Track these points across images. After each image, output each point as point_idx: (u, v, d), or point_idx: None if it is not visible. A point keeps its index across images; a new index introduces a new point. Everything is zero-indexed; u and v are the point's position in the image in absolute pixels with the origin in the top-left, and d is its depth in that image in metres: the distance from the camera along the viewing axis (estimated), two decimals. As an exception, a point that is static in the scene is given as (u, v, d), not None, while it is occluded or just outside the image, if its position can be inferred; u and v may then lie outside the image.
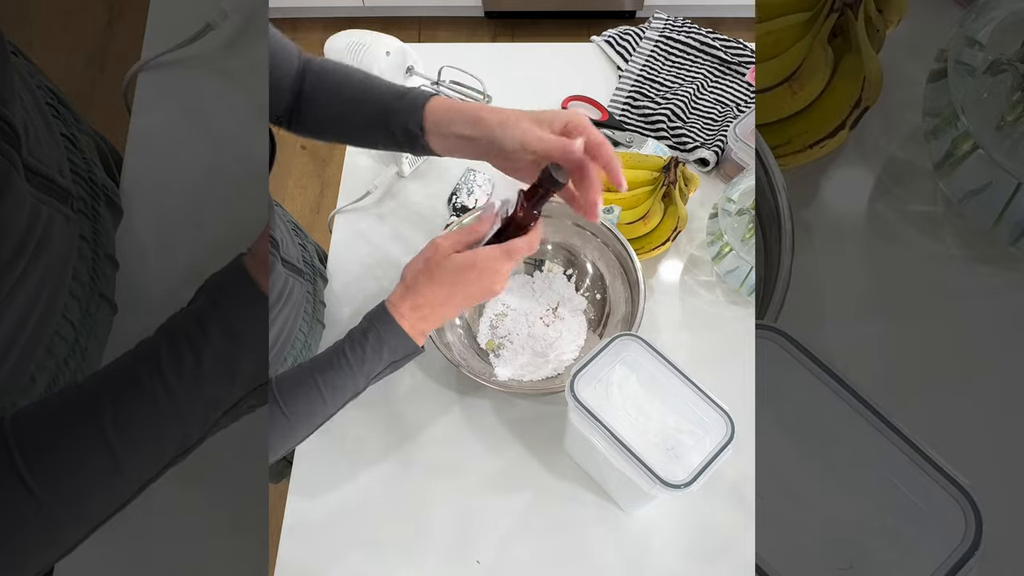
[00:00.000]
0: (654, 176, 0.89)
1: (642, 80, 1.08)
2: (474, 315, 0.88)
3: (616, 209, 0.87)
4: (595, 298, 0.88)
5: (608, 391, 0.65)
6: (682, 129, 1.02)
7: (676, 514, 0.77)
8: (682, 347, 0.87)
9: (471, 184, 0.97)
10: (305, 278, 0.82)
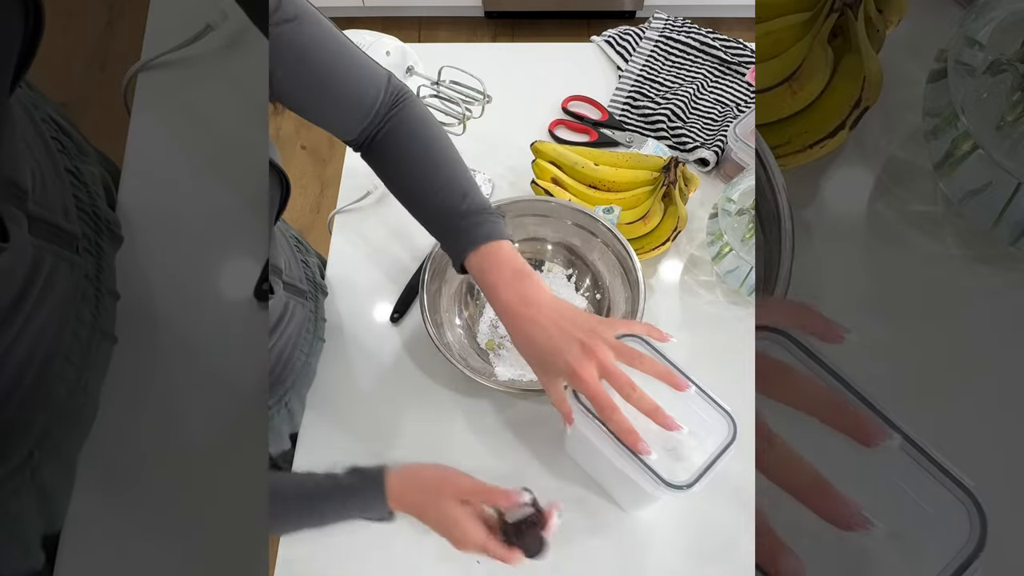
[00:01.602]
0: (654, 176, 0.89)
1: (642, 80, 1.08)
2: (475, 315, 0.88)
3: (616, 209, 0.87)
4: (595, 298, 0.88)
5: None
6: (682, 129, 1.02)
7: (677, 515, 0.77)
8: (682, 347, 0.87)
9: (471, 184, 0.97)
10: (307, 297, 0.82)
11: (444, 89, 1.00)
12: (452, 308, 0.87)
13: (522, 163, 0.95)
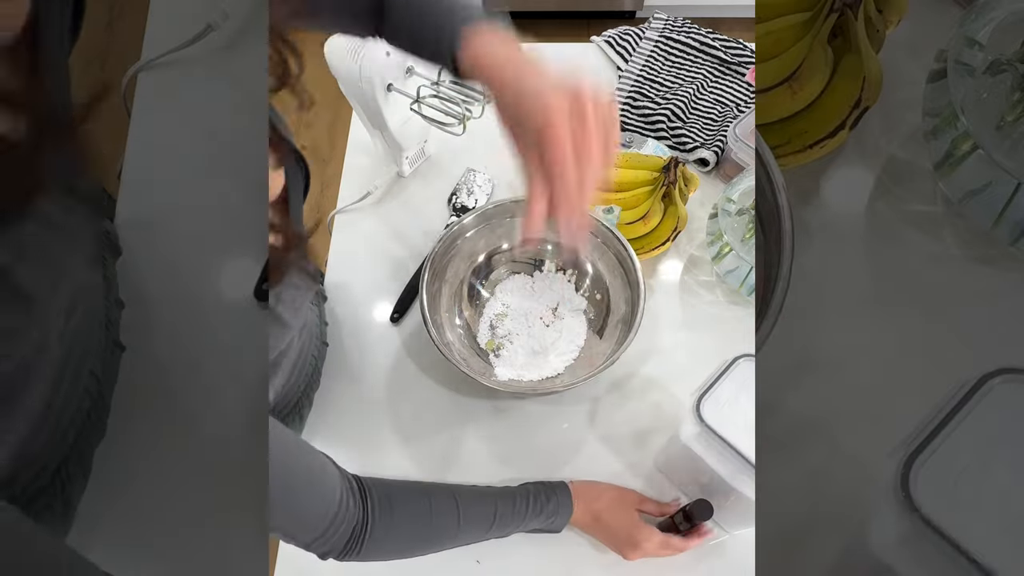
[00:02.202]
0: (654, 176, 0.89)
1: (642, 80, 1.08)
2: (474, 315, 0.88)
3: (616, 209, 0.87)
4: (595, 298, 0.88)
5: (720, 408, 0.66)
6: (682, 129, 1.02)
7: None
8: (682, 347, 0.87)
9: (471, 184, 0.97)
10: (314, 303, 0.82)
11: (444, 89, 1.00)
12: (452, 308, 0.87)
13: (522, 163, 0.95)
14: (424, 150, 1.01)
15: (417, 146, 0.98)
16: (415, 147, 0.98)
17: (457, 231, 0.86)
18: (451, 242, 0.85)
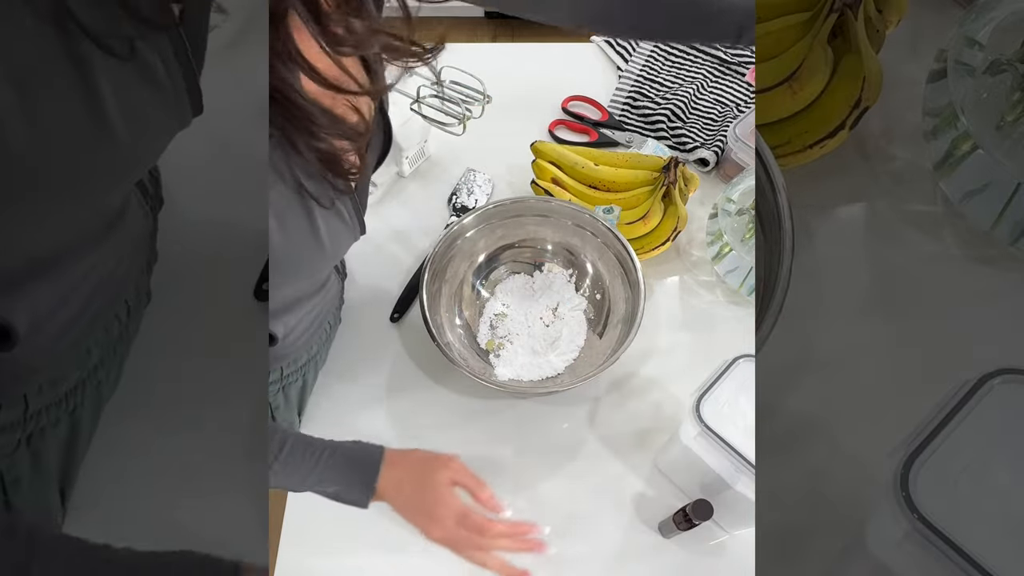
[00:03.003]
0: (654, 176, 0.89)
1: (642, 80, 1.08)
2: (474, 315, 0.88)
3: (616, 209, 0.87)
4: (595, 298, 0.88)
5: (719, 409, 0.65)
6: (682, 129, 1.02)
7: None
8: (682, 347, 0.87)
9: (471, 184, 0.97)
10: (339, 274, 0.83)
11: (444, 89, 1.00)
12: (452, 308, 0.87)
13: (522, 163, 0.95)
14: (424, 150, 1.01)
15: (417, 146, 0.98)
16: (415, 147, 0.98)
17: (457, 231, 0.86)
18: (451, 242, 0.85)
